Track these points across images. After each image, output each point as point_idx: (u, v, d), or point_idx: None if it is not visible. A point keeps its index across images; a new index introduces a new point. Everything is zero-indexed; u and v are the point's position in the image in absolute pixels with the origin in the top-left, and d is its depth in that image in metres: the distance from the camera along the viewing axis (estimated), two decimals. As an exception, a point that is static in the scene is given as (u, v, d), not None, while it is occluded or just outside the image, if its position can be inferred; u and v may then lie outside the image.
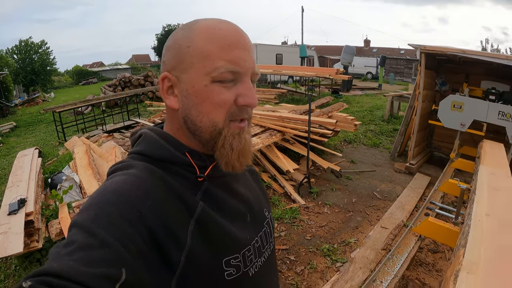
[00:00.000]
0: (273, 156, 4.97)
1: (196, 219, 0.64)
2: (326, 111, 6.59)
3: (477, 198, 2.39)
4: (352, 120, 6.26)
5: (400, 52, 37.68)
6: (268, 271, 0.81)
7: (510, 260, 1.64)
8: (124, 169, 0.67)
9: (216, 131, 0.67)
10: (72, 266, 0.47)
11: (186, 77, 0.67)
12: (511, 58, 4.77)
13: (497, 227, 1.98)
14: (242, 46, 0.66)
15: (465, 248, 1.69)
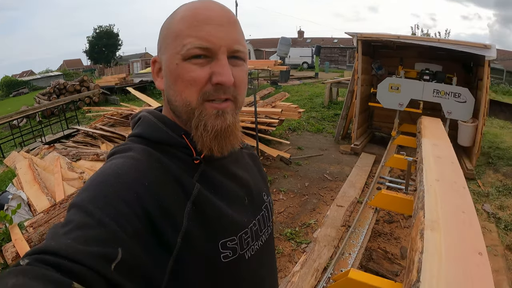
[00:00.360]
0: None
1: (192, 201, 0.64)
2: (269, 101, 6.72)
3: (425, 167, 2.64)
4: (296, 108, 6.45)
5: (334, 41, 39.13)
6: (265, 255, 0.82)
7: (463, 216, 1.87)
8: (123, 151, 0.68)
9: (190, 110, 0.67)
10: (69, 244, 0.48)
11: (164, 58, 0.69)
12: (442, 40, 5.21)
13: (447, 189, 2.23)
14: (216, 22, 0.65)
15: (424, 210, 1.90)
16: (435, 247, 1.51)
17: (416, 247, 1.57)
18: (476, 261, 1.48)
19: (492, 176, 5.44)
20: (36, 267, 0.44)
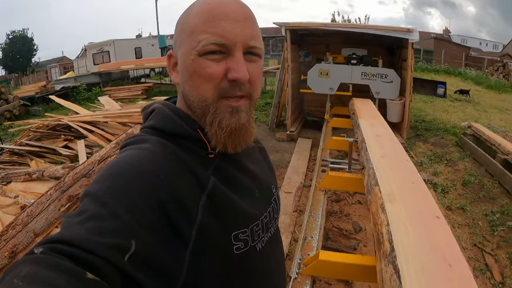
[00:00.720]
0: None
1: (207, 194, 0.65)
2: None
3: (368, 145, 2.82)
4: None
5: (256, 32, 39.91)
6: (274, 247, 0.84)
7: (414, 186, 2.06)
8: (138, 143, 0.68)
9: (205, 106, 0.68)
10: (83, 234, 0.48)
11: (180, 53, 0.70)
12: (369, 26, 5.59)
13: (393, 164, 2.41)
14: (231, 17, 0.66)
15: (378, 185, 2.03)
16: (398, 218, 1.64)
17: (380, 220, 1.68)
18: (436, 224, 1.64)
19: (422, 146, 6.03)
20: (50, 256, 0.44)
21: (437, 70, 17.99)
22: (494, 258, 3.16)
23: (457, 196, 4.36)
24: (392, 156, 2.58)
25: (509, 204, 4.05)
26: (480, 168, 4.99)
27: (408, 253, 1.36)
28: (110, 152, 3.72)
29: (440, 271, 1.27)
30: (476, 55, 29.52)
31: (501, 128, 6.61)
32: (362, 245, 3.30)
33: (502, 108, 10.28)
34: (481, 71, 18.76)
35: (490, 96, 12.40)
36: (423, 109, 8.57)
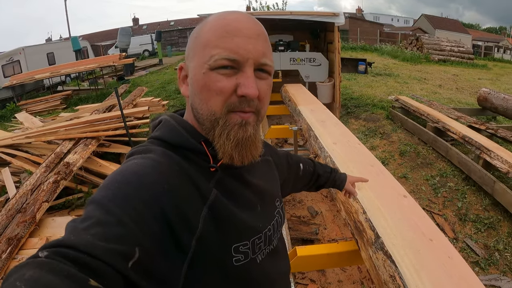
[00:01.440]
0: (96, 166, 4.52)
1: (209, 206, 0.67)
2: (129, 101, 6.37)
3: (317, 133, 2.93)
4: (159, 102, 6.30)
5: (170, 24, 38.80)
6: (276, 258, 0.85)
7: (374, 169, 2.23)
8: (143, 152, 0.69)
9: (214, 119, 0.69)
10: (89, 240, 0.49)
11: (191, 66, 0.72)
12: (295, 13, 5.72)
13: (347, 149, 2.56)
14: (244, 34, 0.68)
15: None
16: (371, 204, 1.76)
17: (355, 209, 1.79)
18: (406, 203, 1.80)
19: (355, 123, 6.37)
20: (55, 260, 0.45)
21: (354, 48, 19.12)
22: (443, 218, 3.51)
23: (397, 166, 4.71)
24: (344, 142, 2.71)
25: (446, 167, 4.50)
26: (413, 137, 5.44)
27: (392, 236, 1.48)
28: (42, 178, 3.46)
29: (425, 247, 1.41)
30: (389, 31, 31.99)
31: (425, 98, 7.23)
32: (322, 228, 3.45)
33: (420, 78, 11.27)
34: (396, 46, 20.33)
35: (408, 68, 13.51)
36: (348, 86, 9.05)
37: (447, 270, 1.25)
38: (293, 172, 1.14)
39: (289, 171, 1.11)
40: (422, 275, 1.21)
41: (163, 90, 10.62)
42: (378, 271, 1.36)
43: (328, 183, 1.24)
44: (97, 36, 35.97)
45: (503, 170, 3.56)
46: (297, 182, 1.17)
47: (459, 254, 1.38)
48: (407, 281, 1.18)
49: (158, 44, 20.38)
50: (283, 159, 1.10)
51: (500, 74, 15.64)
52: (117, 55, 12.55)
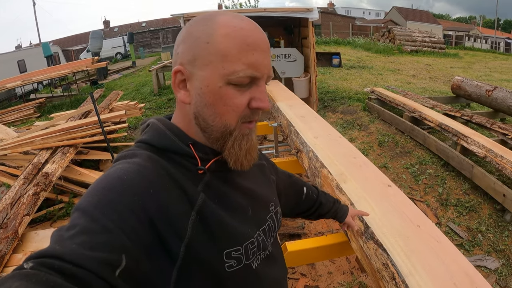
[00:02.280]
0: (76, 175, 4.43)
1: (197, 210, 0.66)
2: (105, 105, 6.27)
3: (297, 128, 2.95)
4: (136, 105, 6.22)
5: (142, 25, 38.47)
6: (272, 264, 0.85)
7: (357, 161, 2.26)
8: (128, 157, 0.68)
9: (228, 132, 0.70)
10: (74, 249, 0.49)
11: (201, 74, 0.67)
12: (269, 9, 5.75)
13: (329, 143, 2.58)
14: (262, 48, 0.68)
15: (326, 167, 2.16)
16: (358, 196, 1.79)
17: (342, 201, 1.81)
18: (391, 192, 1.85)
19: (333, 116, 6.47)
20: (40, 271, 0.45)
21: (327, 42, 19.36)
22: (425, 204, 3.62)
23: (376, 156, 4.82)
24: (325, 136, 2.75)
25: (424, 154, 4.63)
26: (390, 128, 5.57)
27: (381, 225, 1.51)
28: (21, 190, 3.37)
29: (414, 233, 1.45)
30: (361, 24, 32.61)
31: (400, 89, 7.41)
32: (308, 222, 3.48)
33: (394, 69, 11.55)
34: (368, 38, 20.71)
35: (381, 60, 13.80)
36: (324, 80, 9.14)
37: (437, 254, 1.29)
38: (296, 193, 1.14)
39: (291, 191, 1.11)
40: (414, 261, 1.25)
41: (138, 93, 10.50)
42: (371, 260, 1.39)
43: (330, 213, 1.24)
44: (67, 41, 35.30)
45: (480, 155, 3.69)
46: (297, 207, 1.17)
47: (446, 238, 1.43)
48: (400, 268, 1.22)
49: (130, 46, 20.13)
50: (286, 175, 1.11)
51: (472, 62, 16.20)
52: (90, 59, 12.29)
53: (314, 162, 2.33)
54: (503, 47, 30.41)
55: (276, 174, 1.04)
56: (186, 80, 0.70)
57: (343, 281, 2.57)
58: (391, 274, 1.22)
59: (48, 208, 3.66)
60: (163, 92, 9.80)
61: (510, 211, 3.23)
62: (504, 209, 3.35)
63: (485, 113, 5.93)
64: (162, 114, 7.81)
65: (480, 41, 30.45)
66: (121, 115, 5.59)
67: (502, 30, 57.76)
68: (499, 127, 4.39)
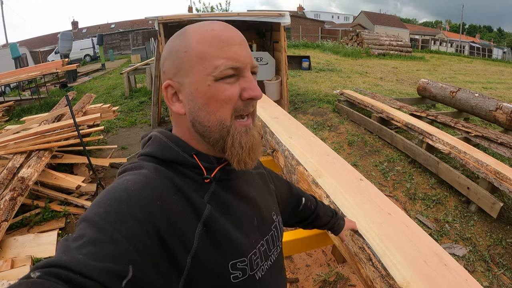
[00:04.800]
0: (51, 179, 4.33)
1: (203, 222, 0.67)
2: (78, 108, 6.13)
3: (272, 129, 3.05)
4: (110, 108, 6.13)
5: (111, 26, 37.78)
6: (275, 274, 0.86)
7: (330, 158, 2.39)
8: (135, 169, 0.69)
9: (225, 129, 0.71)
10: (81, 259, 0.50)
11: (188, 80, 0.70)
12: (242, 14, 5.82)
13: (303, 142, 2.70)
14: (237, 41, 0.70)
15: (301, 165, 2.27)
16: (333, 189, 1.90)
17: (319, 194, 1.92)
18: (363, 185, 1.97)
19: (304, 118, 6.58)
20: (47, 281, 0.45)
21: (296, 45, 19.67)
22: (395, 199, 3.79)
23: (347, 155, 4.97)
24: (299, 135, 2.86)
25: (392, 152, 4.84)
26: (359, 128, 5.77)
27: (355, 214, 1.63)
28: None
29: (386, 220, 1.57)
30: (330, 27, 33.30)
31: (368, 91, 7.66)
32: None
33: (361, 72, 11.90)
34: (337, 42, 21.22)
35: (349, 63, 14.18)
36: (294, 83, 9.30)
37: (407, 236, 1.41)
38: (293, 202, 1.15)
39: (289, 200, 1.13)
40: (387, 243, 1.36)
41: (109, 95, 10.32)
42: (348, 245, 1.49)
43: (326, 226, 1.26)
44: (34, 42, 34.01)
45: (445, 151, 3.92)
46: (294, 216, 1.18)
47: (415, 223, 1.55)
48: (375, 249, 1.33)
49: (100, 48, 19.66)
50: (284, 184, 1.12)
51: (437, 65, 16.91)
52: (60, 61, 11.89)
53: (290, 160, 2.42)
54: (467, 51, 31.95)
55: (275, 183, 1.05)
56: (177, 92, 0.73)
57: (321, 273, 2.67)
58: (368, 256, 1.33)
59: (24, 213, 3.58)
60: (135, 95, 9.67)
61: (474, 202, 3.46)
62: (468, 200, 3.58)
63: (450, 113, 6.26)
64: (134, 117, 7.77)
65: (445, 44, 31.83)
66: (96, 118, 5.49)
67: (467, 34, 60.60)
68: (463, 126, 4.63)
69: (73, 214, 3.90)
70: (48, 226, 3.48)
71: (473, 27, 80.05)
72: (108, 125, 7.38)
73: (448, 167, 3.82)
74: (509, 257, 2.95)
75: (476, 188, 3.41)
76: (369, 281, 1.30)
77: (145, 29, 30.02)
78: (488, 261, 2.91)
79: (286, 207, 1.12)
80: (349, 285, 2.57)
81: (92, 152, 5.78)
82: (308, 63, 11.78)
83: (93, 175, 4.85)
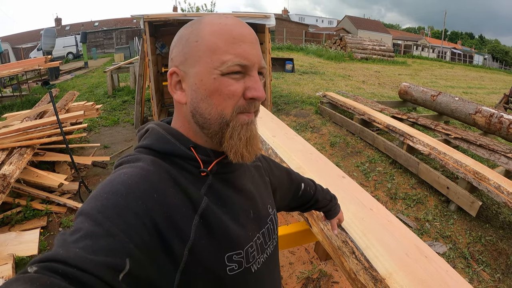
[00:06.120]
0: (33, 177, 4.24)
1: (200, 214, 0.68)
2: (61, 106, 6.02)
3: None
4: (93, 106, 6.04)
5: (95, 24, 37.30)
6: (270, 267, 0.86)
7: (313, 156, 2.42)
8: (132, 162, 0.69)
9: (224, 122, 0.71)
10: (78, 253, 0.49)
11: (194, 71, 0.70)
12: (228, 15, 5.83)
13: (286, 141, 2.73)
14: (248, 40, 0.71)
15: (284, 162, 2.30)
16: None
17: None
18: (345, 182, 2.00)
19: (286, 119, 6.61)
20: (44, 275, 0.45)
21: (280, 47, 19.77)
22: (376, 198, 3.78)
23: (329, 156, 5.00)
24: (282, 134, 2.89)
25: (374, 153, 4.91)
26: (341, 129, 5.83)
27: (338, 209, 1.64)
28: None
29: (368, 215, 1.60)
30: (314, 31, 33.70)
31: (350, 93, 7.75)
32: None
33: (344, 75, 12.03)
34: (320, 45, 21.40)
35: (332, 66, 14.31)
36: (277, 85, 9.34)
37: (389, 230, 1.44)
38: (293, 189, 1.16)
39: (288, 187, 1.13)
40: (370, 237, 1.38)
41: (92, 94, 10.18)
42: (331, 240, 1.50)
43: (324, 209, 1.27)
44: (17, 38, 33.11)
45: (425, 152, 4.00)
46: (294, 201, 1.19)
47: (396, 218, 1.58)
48: (358, 243, 1.34)
49: (83, 46, 19.27)
50: (283, 171, 1.13)
51: (419, 70, 17.26)
52: (43, 58, 11.60)
53: (273, 158, 2.43)
54: (449, 56, 32.84)
55: (273, 173, 1.05)
56: (181, 80, 0.72)
57: (304, 270, 2.69)
58: (351, 249, 1.35)
59: (5, 212, 3.49)
60: (118, 94, 9.57)
61: (454, 201, 3.54)
62: (448, 200, 3.66)
63: (430, 116, 6.37)
64: (117, 116, 7.68)
65: (427, 50, 32.58)
66: (80, 115, 5.39)
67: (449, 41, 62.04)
68: (443, 128, 4.74)
69: (55, 213, 3.83)
70: (30, 225, 3.41)
71: (455, 34, 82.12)
72: (91, 124, 7.29)
73: (428, 167, 3.89)
74: (488, 254, 3.03)
75: (455, 188, 3.49)
76: (353, 274, 1.31)
77: (129, 28, 29.73)
78: (468, 258, 2.98)
79: (286, 193, 1.13)
80: (332, 282, 2.59)
81: (74, 150, 5.69)
82: (291, 65, 11.86)
83: (75, 173, 4.79)
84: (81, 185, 4.38)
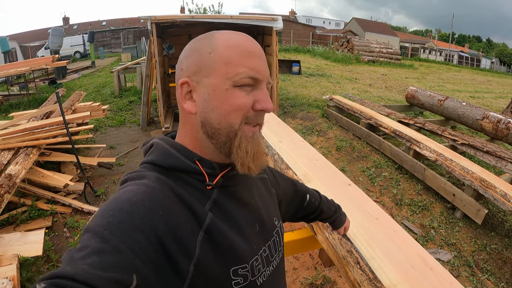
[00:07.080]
0: (39, 177, 4.28)
1: (205, 230, 0.69)
2: (68, 106, 6.06)
3: (262, 133, 3.08)
4: (99, 106, 6.08)
5: (102, 24, 37.56)
6: (276, 280, 0.87)
7: (319, 163, 2.42)
8: (137, 179, 0.71)
9: (233, 132, 0.72)
10: (86, 269, 0.50)
11: (207, 81, 0.72)
12: (235, 17, 5.86)
13: (292, 147, 2.73)
14: (258, 55, 0.74)
15: (291, 168, 2.30)
16: (322, 193, 1.92)
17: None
18: (351, 190, 2.01)
19: (293, 122, 6.63)
20: None
21: (287, 49, 19.78)
22: (381, 204, 3.85)
23: (335, 160, 5.02)
24: (289, 140, 2.89)
25: (380, 158, 4.91)
26: (347, 133, 5.83)
27: (344, 218, 1.65)
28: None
29: (373, 224, 1.60)
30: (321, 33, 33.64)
31: (357, 97, 7.74)
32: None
33: (351, 78, 12.02)
34: (327, 47, 21.42)
35: (339, 69, 14.33)
36: (283, 87, 9.36)
37: (394, 241, 1.44)
38: (298, 200, 1.17)
39: (293, 198, 1.14)
40: (374, 247, 1.39)
41: (98, 94, 10.24)
42: (336, 249, 1.51)
43: (329, 220, 1.28)
44: (24, 37, 33.31)
45: (431, 158, 3.99)
46: (299, 212, 1.19)
47: (402, 228, 1.59)
48: (363, 253, 1.35)
49: (90, 45, 19.37)
50: (288, 182, 1.14)
51: (426, 73, 17.18)
52: (50, 57, 11.66)
53: (279, 164, 2.44)
54: (456, 60, 32.63)
55: (279, 184, 1.06)
56: (192, 91, 0.74)
57: (308, 276, 2.70)
58: (356, 259, 1.36)
59: (11, 211, 3.53)
60: (124, 94, 9.62)
61: (459, 208, 3.53)
62: (454, 207, 3.66)
63: (437, 121, 6.36)
64: (123, 116, 7.72)
65: (434, 53, 32.42)
66: (86, 116, 5.42)
67: (456, 44, 61.73)
68: (450, 134, 4.72)
69: (60, 213, 3.85)
70: (35, 225, 3.43)
71: (463, 37, 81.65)
72: (97, 124, 7.31)
73: (435, 174, 3.89)
74: (493, 263, 3.02)
75: (461, 195, 3.48)
76: (357, 284, 1.32)
77: (136, 28, 29.80)
78: (472, 266, 2.97)
79: (291, 204, 1.14)
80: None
81: (80, 151, 5.72)
82: (298, 67, 11.88)
83: (81, 174, 4.80)
84: (86, 185, 4.41)
